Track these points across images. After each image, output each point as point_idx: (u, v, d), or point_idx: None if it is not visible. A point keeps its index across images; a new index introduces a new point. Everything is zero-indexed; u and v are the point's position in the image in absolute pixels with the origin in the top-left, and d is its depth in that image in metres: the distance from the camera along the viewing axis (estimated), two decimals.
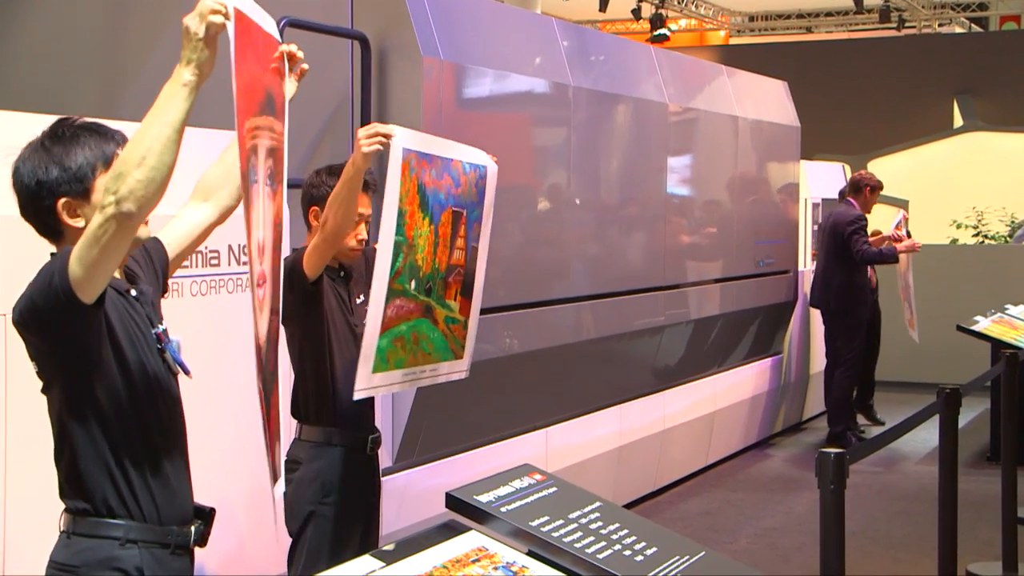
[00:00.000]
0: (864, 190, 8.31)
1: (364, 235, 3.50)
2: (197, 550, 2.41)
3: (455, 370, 3.68)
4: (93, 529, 2.22)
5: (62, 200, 2.23)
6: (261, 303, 2.32)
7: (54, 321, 2.14)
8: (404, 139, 3.21)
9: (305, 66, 2.55)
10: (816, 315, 9.02)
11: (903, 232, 8.49)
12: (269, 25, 2.45)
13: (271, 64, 2.41)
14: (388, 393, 3.34)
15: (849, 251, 8.06)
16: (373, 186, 3.48)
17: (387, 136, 3.16)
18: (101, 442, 2.22)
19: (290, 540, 3.49)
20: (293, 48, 2.50)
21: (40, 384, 2.28)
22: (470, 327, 3.68)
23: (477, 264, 3.67)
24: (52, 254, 2.25)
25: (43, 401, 2.30)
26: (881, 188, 8.41)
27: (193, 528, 2.37)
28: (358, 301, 3.54)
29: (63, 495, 2.27)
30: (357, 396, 3.23)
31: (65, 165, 2.24)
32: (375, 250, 3.80)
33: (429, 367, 3.53)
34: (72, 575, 2.21)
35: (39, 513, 2.35)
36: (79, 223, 2.24)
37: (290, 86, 2.52)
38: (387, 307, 3.22)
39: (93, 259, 2.07)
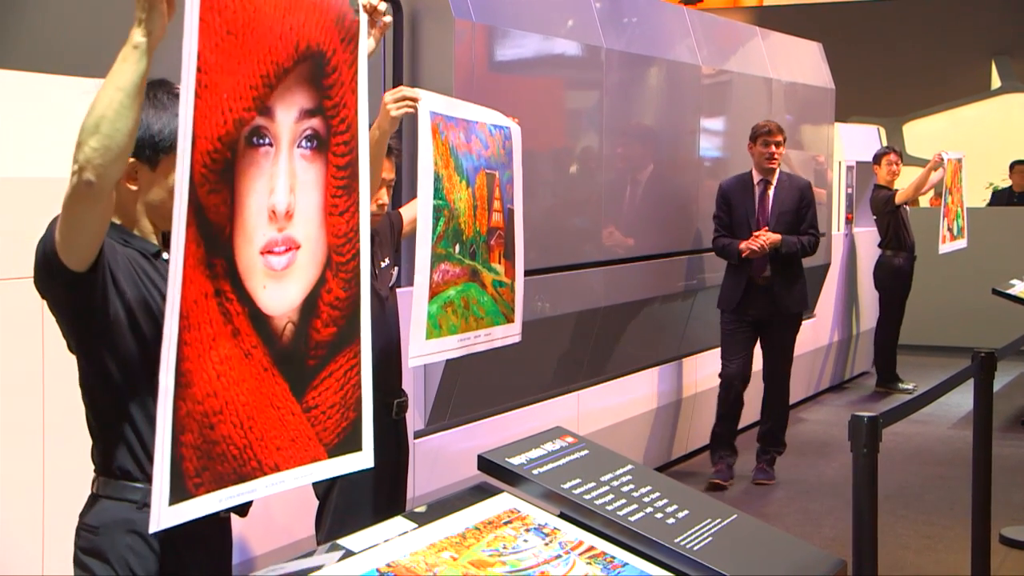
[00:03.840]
0: None
1: (385, 200, 3.49)
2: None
3: (509, 334, 3.65)
4: (115, 492, 2.24)
5: (131, 160, 2.18)
6: (279, 270, 2.05)
7: (51, 285, 2.14)
8: (430, 103, 3.20)
9: (387, 19, 2.31)
10: (858, 277, 9.10)
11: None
12: None
13: (328, 19, 2.10)
14: (442, 359, 3.34)
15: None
16: (396, 151, 3.48)
17: (414, 100, 3.14)
18: (117, 406, 2.22)
19: (317, 502, 3.52)
20: (375, 1, 2.26)
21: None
22: (516, 290, 3.68)
23: (515, 226, 3.67)
24: None
25: None
26: (758, 134, 6.34)
27: None
28: (383, 265, 3.54)
29: (93, 458, 2.29)
30: (412, 363, 3.24)
31: (152, 129, 2.21)
32: (399, 214, 3.78)
33: (483, 332, 3.52)
34: (93, 534, 2.24)
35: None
36: (132, 187, 2.24)
37: (370, 43, 2.27)
38: (432, 272, 3.22)
39: (67, 228, 2.05)
